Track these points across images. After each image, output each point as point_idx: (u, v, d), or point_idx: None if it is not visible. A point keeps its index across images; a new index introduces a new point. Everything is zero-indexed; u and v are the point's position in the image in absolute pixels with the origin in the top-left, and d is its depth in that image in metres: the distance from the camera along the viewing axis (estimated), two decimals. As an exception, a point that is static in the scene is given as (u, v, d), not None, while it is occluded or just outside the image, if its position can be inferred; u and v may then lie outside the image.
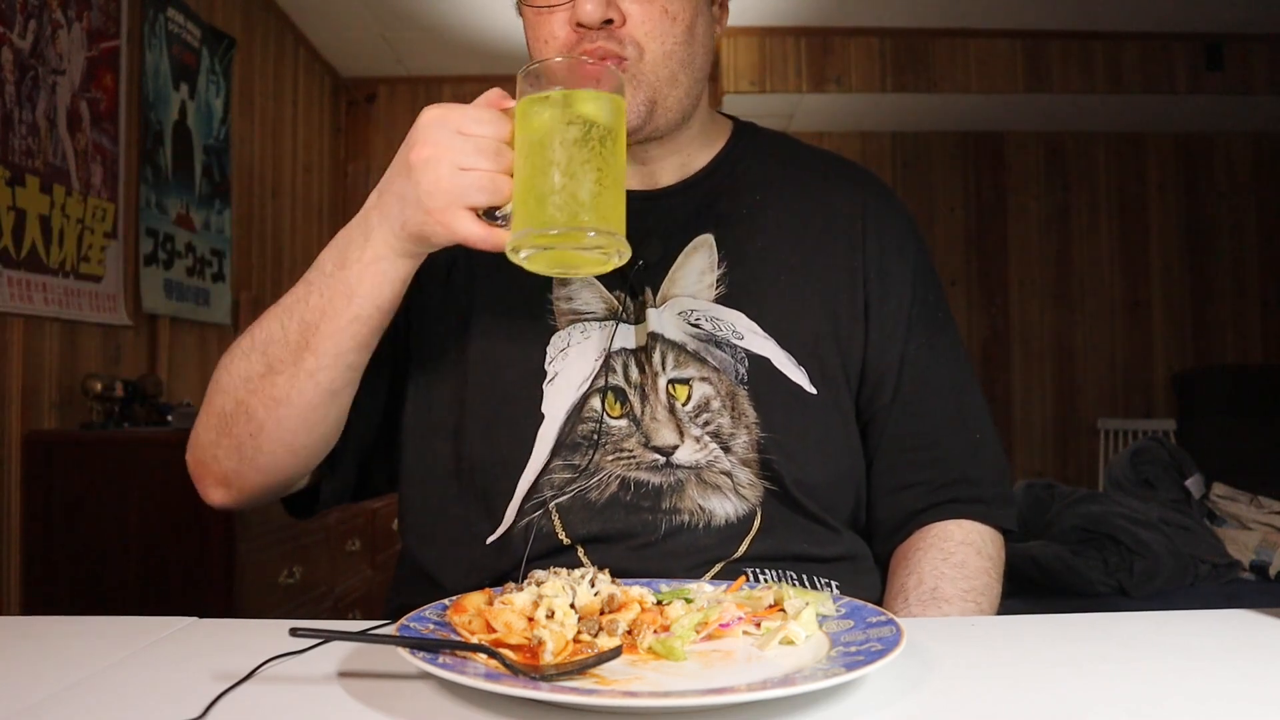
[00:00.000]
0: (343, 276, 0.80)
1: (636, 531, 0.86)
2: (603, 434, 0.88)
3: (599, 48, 0.85)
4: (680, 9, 0.88)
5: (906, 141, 5.25)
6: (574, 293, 0.93)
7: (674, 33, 0.87)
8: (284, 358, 0.83)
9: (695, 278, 0.93)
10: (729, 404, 0.89)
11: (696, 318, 0.92)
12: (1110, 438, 5.01)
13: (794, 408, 0.91)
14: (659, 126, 0.90)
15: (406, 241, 0.78)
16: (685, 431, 0.88)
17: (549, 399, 0.90)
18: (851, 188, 1.00)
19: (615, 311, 0.92)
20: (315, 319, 0.81)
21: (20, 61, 2.31)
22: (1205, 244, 5.28)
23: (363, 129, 4.93)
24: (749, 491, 0.89)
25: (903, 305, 0.96)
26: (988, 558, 0.91)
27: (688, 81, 0.90)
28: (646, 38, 0.86)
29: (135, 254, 2.88)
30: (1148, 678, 0.61)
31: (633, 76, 0.87)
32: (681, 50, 0.88)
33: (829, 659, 0.60)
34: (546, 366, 0.91)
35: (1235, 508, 2.52)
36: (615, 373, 0.90)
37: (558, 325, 0.92)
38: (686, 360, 0.90)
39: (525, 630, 0.62)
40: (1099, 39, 4.50)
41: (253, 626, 0.74)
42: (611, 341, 0.90)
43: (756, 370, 0.90)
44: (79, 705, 0.57)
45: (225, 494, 0.92)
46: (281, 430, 0.85)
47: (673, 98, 0.90)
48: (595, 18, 0.84)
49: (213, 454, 0.89)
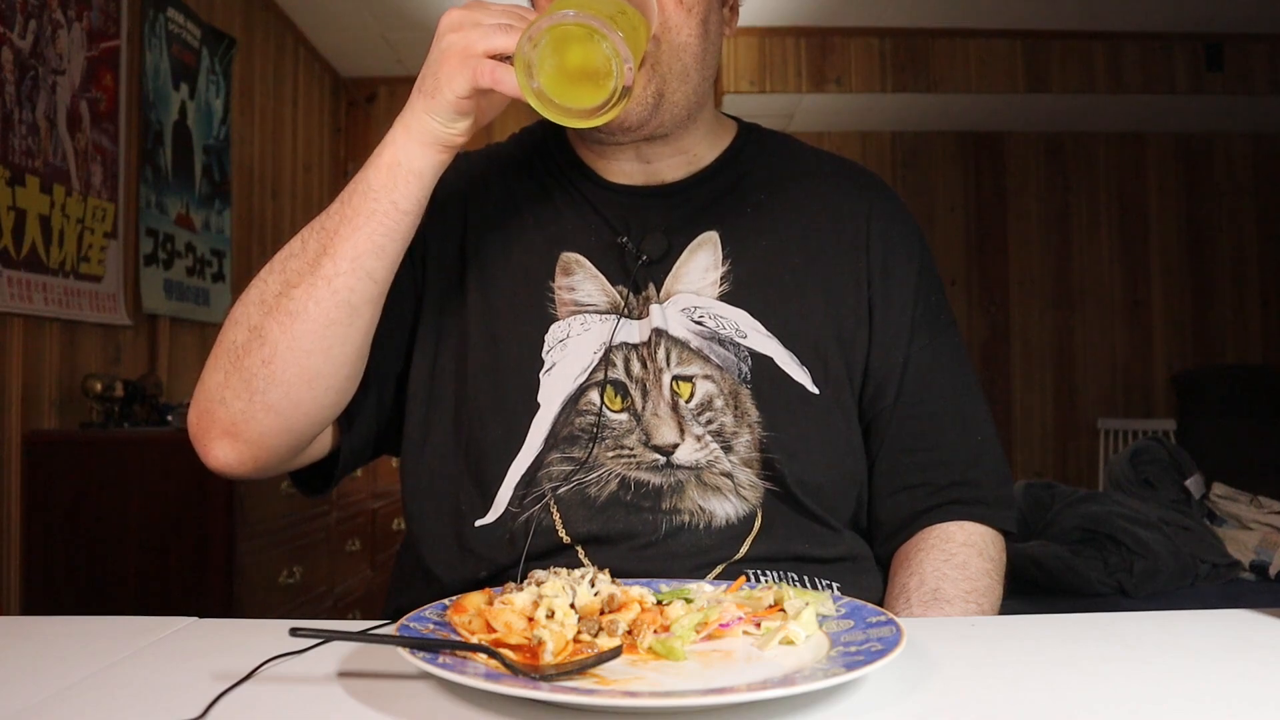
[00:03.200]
0: (363, 177, 0.80)
1: (637, 532, 0.86)
2: (602, 427, 0.88)
3: None
4: (695, 2, 0.87)
5: (906, 141, 5.25)
6: (576, 283, 0.93)
7: (689, 25, 0.87)
8: (301, 270, 0.80)
9: (699, 274, 0.93)
10: (732, 403, 0.89)
11: (700, 315, 0.91)
12: (1110, 438, 5.01)
13: (797, 408, 0.91)
14: (664, 122, 0.90)
15: (425, 116, 0.77)
16: (686, 430, 0.88)
17: (545, 389, 0.90)
18: (856, 190, 1.00)
19: (617, 305, 0.92)
20: (335, 225, 0.80)
21: (20, 61, 2.31)
22: (1205, 244, 5.28)
23: (363, 129, 4.93)
24: (749, 492, 0.89)
25: (906, 307, 0.96)
26: (989, 559, 0.91)
27: (697, 78, 0.90)
28: (663, 28, 0.86)
29: (135, 254, 2.88)
30: (1148, 678, 0.61)
31: (649, 65, 0.86)
32: (696, 44, 0.88)
33: (829, 659, 0.60)
34: (544, 356, 0.91)
35: (1235, 508, 2.52)
36: (615, 367, 0.90)
37: (558, 315, 0.92)
38: (690, 357, 0.90)
39: (525, 630, 0.62)
40: (1099, 39, 4.50)
41: (253, 626, 0.74)
42: (613, 335, 0.90)
43: (759, 369, 0.90)
44: (79, 705, 0.57)
45: (231, 447, 0.84)
46: (297, 351, 0.80)
47: (680, 93, 0.89)
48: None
49: (220, 396, 0.82)
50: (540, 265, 0.94)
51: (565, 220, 0.96)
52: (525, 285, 0.93)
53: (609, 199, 0.96)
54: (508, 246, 0.95)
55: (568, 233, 0.95)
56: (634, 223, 0.94)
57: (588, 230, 0.95)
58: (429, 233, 0.93)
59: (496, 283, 0.94)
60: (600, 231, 0.95)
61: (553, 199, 0.97)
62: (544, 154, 1.00)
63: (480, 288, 0.95)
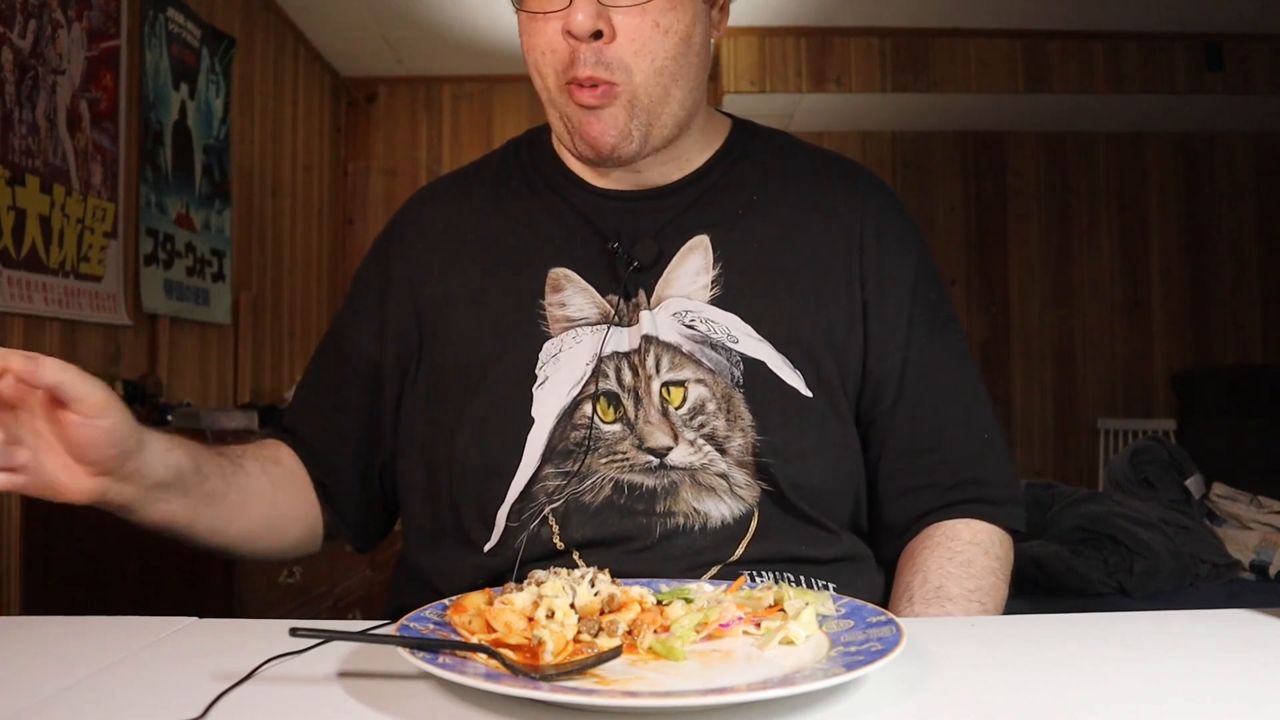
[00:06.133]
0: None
1: (631, 535, 0.86)
2: (595, 440, 0.88)
3: (589, 76, 0.85)
4: (673, 21, 0.86)
5: (906, 141, 5.25)
6: (567, 298, 0.92)
7: (665, 47, 0.86)
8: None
9: (690, 279, 0.92)
10: (724, 406, 0.89)
11: (691, 319, 0.91)
12: (1110, 438, 5.01)
13: (790, 411, 0.90)
14: (655, 145, 0.90)
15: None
16: (679, 435, 0.88)
17: (539, 402, 0.90)
18: (850, 188, 0.99)
19: (608, 315, 0.91)
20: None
21: (20, 61, 2.31)
22: (1205, 244, 5.28)
23: (363, 129, 4.93)
24: (745, 492, 0.88)
25: (903, 307, 0.95)
26: (995, 558, 0.91)
27: (681, 94, 0.89)
28: (636, 56, 0.85)
29: (135, 254, 2.88)
30: (1148, 678, 0.61)
31: (625, 101, 0.86)
32: (673, 64, 0.87)
33: (829, 659, 0.60)
34: (537, 371, 0.91)
35: (1235, 508, 2.52)
36: (607, 377, 0.89)
37: (551, 332, 0.92)
38: (682, 362, 0.90)
39: (525, 630, 0.62)
40: (1099, 39, 4.50)
41: (253, 626, 0.74)
42: (603, 345, 0.90)
43: (752, 373, 0.90)
44: (79, 705, 0.57)
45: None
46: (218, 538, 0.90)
47: (666, 114, 0.89)
48: (585, 29, 0.83)
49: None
50: (529, 286, 0.94)
51: (552, 235, 0.95)
52: (516, 309, 0.93)
53: (598, 205, 0.96)
54: (493, 274, 0.96)
55: (555, 248, 0.95)
56: (624, 228, 0.94)
57: (576, 241, 0.94)
58: (389, 302, 0.98)
59: (485, 313, 0.94)
60: (589, 241, 0.94)
61: (539, 214, 0.97)
62: (530, 165, 1.01)
63: (468, 324, 0.95)
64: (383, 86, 4.93)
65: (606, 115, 0.87)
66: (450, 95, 4.95)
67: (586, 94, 0.85)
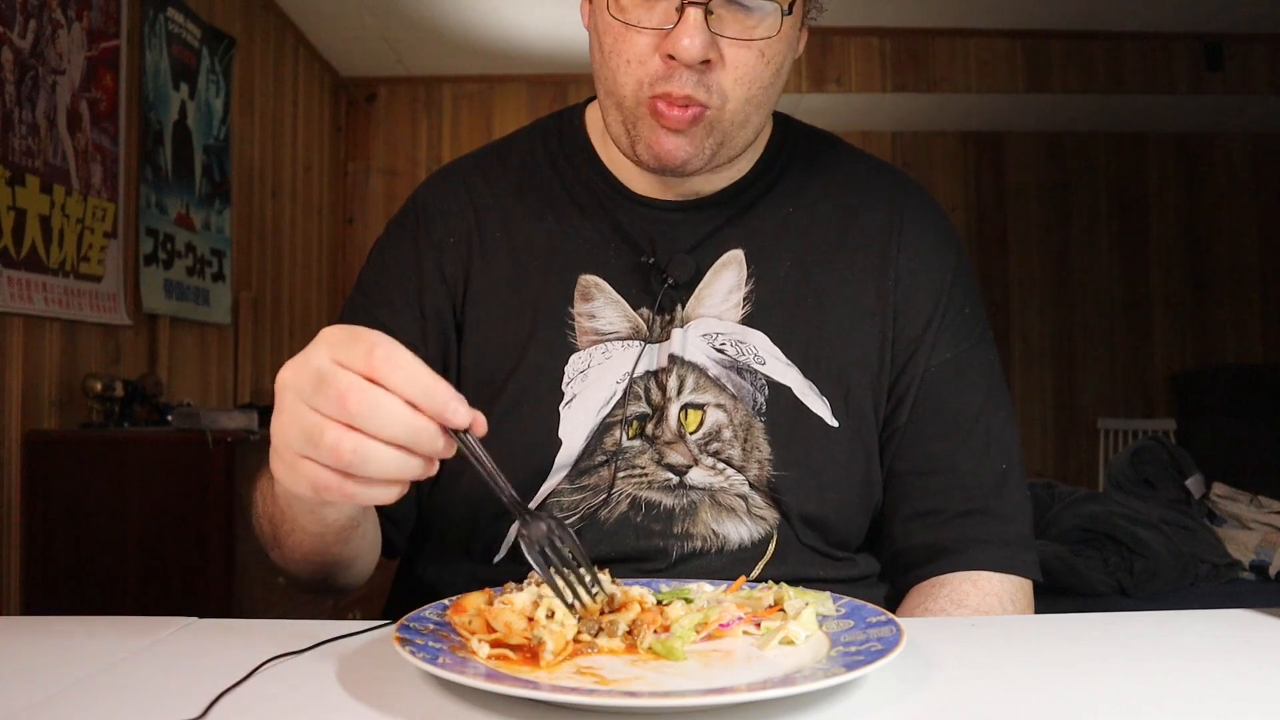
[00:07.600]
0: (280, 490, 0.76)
1: (648, 556, 0.85)
2: (619, 457, 0.86)
3: (685, 96, 0.80)
4: (776, 51, 0.82)
5: (906, 141, 5.25)
6: (596, 309, 0.89)
7: (763, 77, 0.82)
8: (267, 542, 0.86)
9: (722, 296, 0.89)
10: (742, 435, 0.86)
11: (721, 341, 0.88)
12: (1110, 438, 5.01)
13: (812, 442, 0.87)
14: (719, 163, 0.87)
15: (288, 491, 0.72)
16: (697, 459, 0.86)
17: (566, 422, 0.87)
18: (887, 199, 0.95)
19: (639, 330, 0.88)
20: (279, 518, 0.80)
21: (20, 61, 2.31)
22: (1205, 244, 5.28)
23: (363, 129, 4.93)
24: (765, 514, 0.87)
25: (930, 321, 0.91)
26: None
27: (759, 119, 0.86)
28: (735, 84, 0.81)
29: (135, 254, 2.88)
30: (1148, 678, 0.61)
31: (709, 124, 0.82)
32: (762, 94, 0.83)
33: (829, 659, 0.60)
34: (564, 388, 0.88)
35: (1235, 508, 2.52)
36: (639, 399, 0.87)
37: (578, 345, 0.88)
38: (705, 385, 0.87)
39: (525, 630, 0.62)
40: (1099, 39, 4.50)
41: (253, 626, 0.74)
42: (636, 365, 0.87)
43: (776, 400, 0.87)
44: (79, 705, 0.56)
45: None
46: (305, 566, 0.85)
47: (740, 138, 0.86)
48: (694, 57, 0.78)
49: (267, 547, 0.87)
50: (558, 290, 0.90)
51: (584, 239, 0.91)
52: (543, 313, 0.89)
53: (633, 213, 0.92)
54: (520, 273, 0.91)
55: (585, 251, 0.91)
56: (660, 240, 0.90)
57: (608, 250, 0.90)
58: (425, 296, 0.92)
59: (511, 317, 0.90)
60: (621, 249, 0.90)
61: (570, 213, 0.93)
62: (562, 156, 0.96)
63: (493, 328, 0.91)
64: (383, 86, 4.93)
65: (685, 134, 0.82)
66: (450, 95, 4.95)
67: (676, 115, 0.81)
